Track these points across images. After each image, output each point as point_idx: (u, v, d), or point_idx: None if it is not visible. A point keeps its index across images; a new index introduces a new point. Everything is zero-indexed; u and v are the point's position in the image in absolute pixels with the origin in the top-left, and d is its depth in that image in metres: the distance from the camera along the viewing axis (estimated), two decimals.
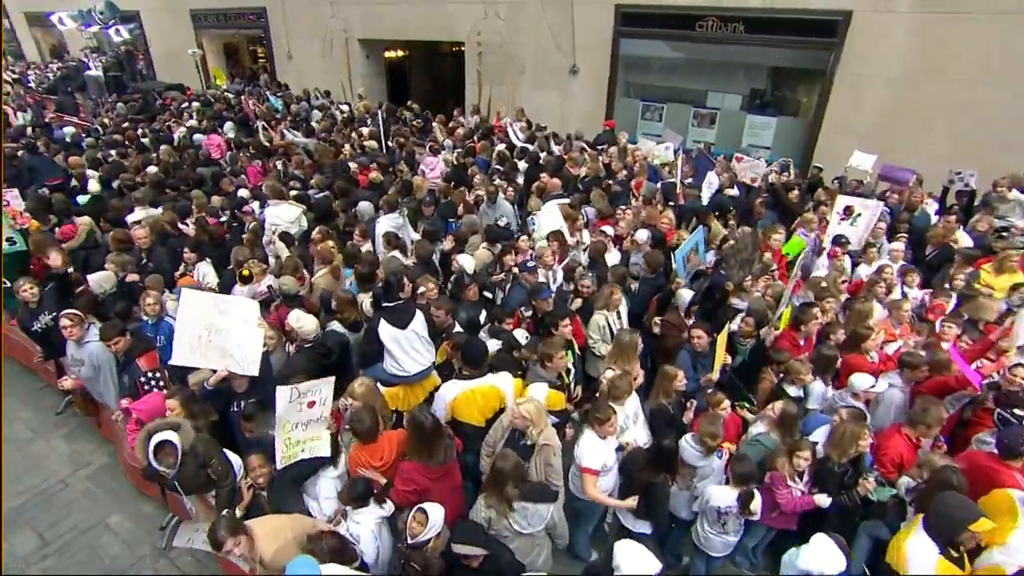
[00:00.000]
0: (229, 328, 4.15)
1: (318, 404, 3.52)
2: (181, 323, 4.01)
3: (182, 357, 4.02)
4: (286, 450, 3.42)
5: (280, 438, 3.41)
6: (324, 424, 3.60)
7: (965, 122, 8.74)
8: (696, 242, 5.71)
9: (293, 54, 16.71)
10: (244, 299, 4.43)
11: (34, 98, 15.87)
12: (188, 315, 4.04)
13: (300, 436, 3.48)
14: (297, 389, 3.43)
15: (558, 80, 12.47)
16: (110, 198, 7.68)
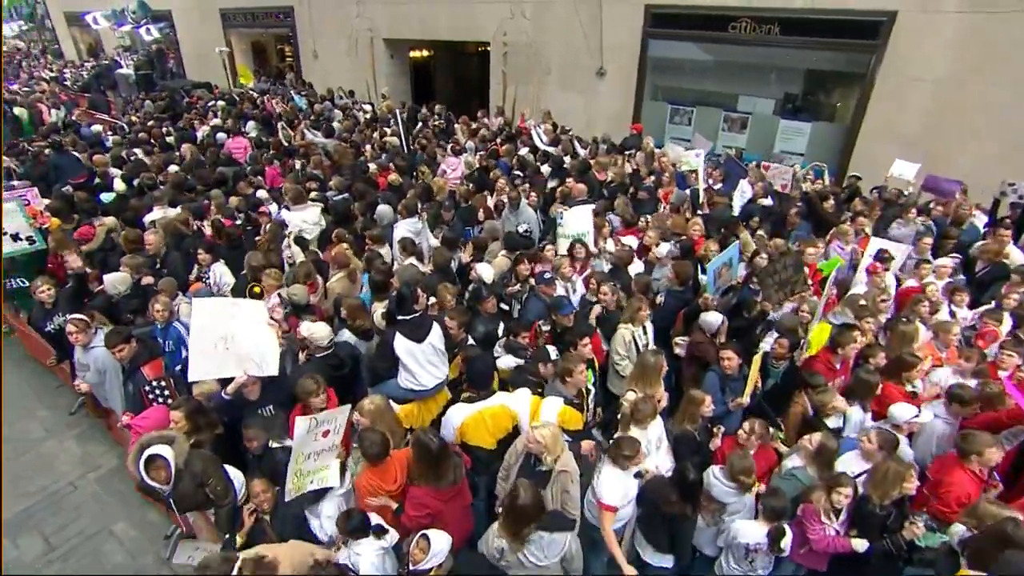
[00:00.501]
0: (245, 331, 4.04)
1: (332, 433, 3.37)
2: (195, 335, 3.88)
3: (199, 371, 3.89)
4: (296, 480, 3.25)
5: (291, 468, 3.24)
6: (334, 453, 3.45)
7: (1017, 128, 8.21)
8: (730, 257, 5.41)
9: (319, 53, 16.72)
10: (254, 301, 4.29)
11: (68, 96, 16.16)
12: (201, 325, 3.91)
13: (311, 467, 3.33)
14: (316, 419, 3.29)
15: (585, 82, 12.19)
16: (132, 197, 7.67)
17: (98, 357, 4.54)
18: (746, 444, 3.85)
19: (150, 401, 4.33)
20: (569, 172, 8.48)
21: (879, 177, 8.46)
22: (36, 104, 13.85)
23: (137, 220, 7.00)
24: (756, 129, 11.00)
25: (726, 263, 5.42)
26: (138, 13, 16.34)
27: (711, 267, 5.29)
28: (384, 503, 3.35)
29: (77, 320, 4.43)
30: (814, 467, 3.60)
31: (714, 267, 5.30)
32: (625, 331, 4.94)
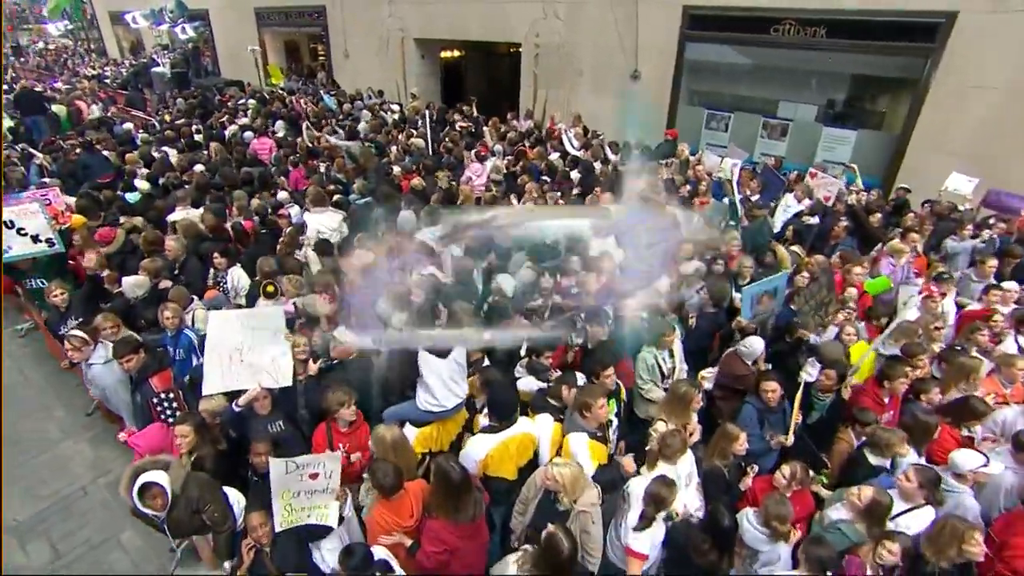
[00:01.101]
0: (261, 342, 3.89)
1: (322, 477, 3.16)
2: (210, 348, 3.74)
3: (213, 385, 3.74)
4: (287, 515, 3.05)
5: (278, 503, 3.04)
6: (332, 495, 3.24)
7: None
8: (775, 287, 4.97)
9: (350, 52, 16.71)
10: (268, 308, 4.13)
11: (107, 93, 16.48)
12: (216, 338, 3.77)
13: (304, 504, 3.12)
14: (295, 462, 3.10)
15: (618, 85, 11.83)
16: (158, 196, 7.64)
17: (97, 375, 4.43)
18: (784, 489, 3.51)
19: (158, 414, 4.21)
20: (599, 178, 8.17)
21: (929, 190, 7.93)
22: (75, 102, 14.10)
23: (160, 220, 6.96)
24: (797, 137, 10.49)
25: (769, 292, 4.97)
26: (175, 12, 16.59)
27: (749, 291, 4.89)
28: (399, 540, 3.12)
29: (74, 337, 4.30)
30: (863, 523, 3.24)
31: (753, 292, 4.89)
32: (647, 354, 4.65)
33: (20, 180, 8.12)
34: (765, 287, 4.95)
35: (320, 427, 3.94)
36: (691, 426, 3.85)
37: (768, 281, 5.02)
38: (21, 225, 5.42)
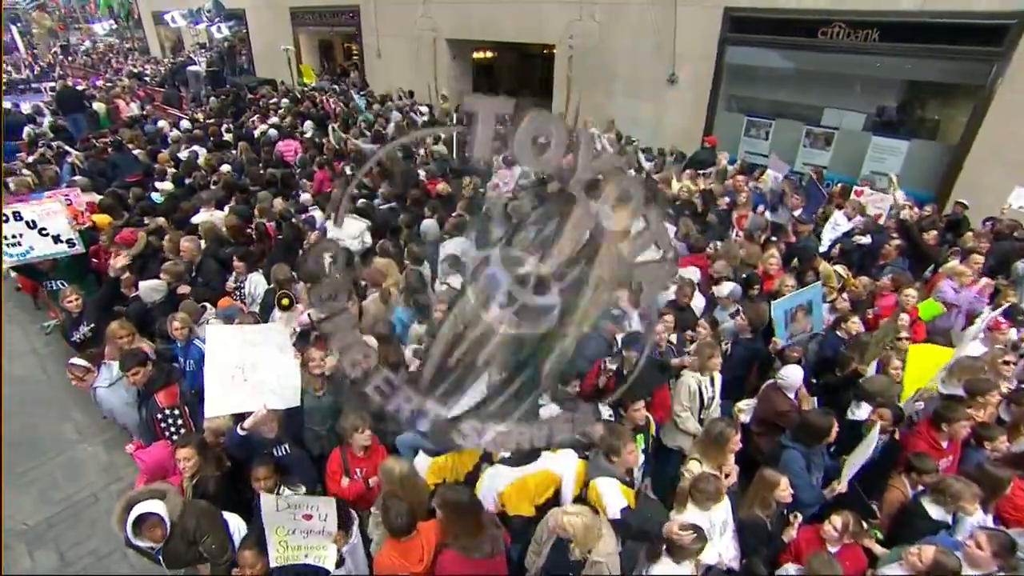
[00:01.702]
0: (265, 360, 3.68)
1: (316, 519, 2.96)
2: (211, 367, 3.54)
3: (216, 407, 3.54)
4: (282, 551, 2.83)
5: (272, 537, 2.82)
6: (329, 538, 3.04)
7: None
8: (809, 300, 4.61)
9: (382, 52, 16.65)
10: (274, 325, 3.93)
11: (146, 91, 16.77)
12: (217, 354, 3.57)
13: (300, 542, 2.90)
14: (287, 501, 2.92)
15: (654, 89, 11.44)
16: (183, 196, 7.59)
17: (102, 398, 4.30)
18: (832, 543, 3.16)
19: (162, 431, 4.06)
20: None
21: (989, 206, 7.36)
22: (114, 100, 14.35)
23: (185, 222, 6.89)
24: (843, 146, 9.94)
25: (803, 305, 4.61)
26: (212, 12, 16.79)
27: (781, 306, 4.53)
28: None
29: (75, 367, 4.17)
30: None
31: (786, 307, 4.53)
32: (691, 379, 4.31)
33: (52, 178, 8.19)
34: (797, 301, 4.60)
35: (335, 452, 3.77)
36: (727, 467, 3.52)
37: (799, 294, 4.66)
38: (43, 225, 5.37)
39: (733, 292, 5.14)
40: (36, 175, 8.39)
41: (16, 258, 5.35)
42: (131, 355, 4.04)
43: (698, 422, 4.38)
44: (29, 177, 8.03)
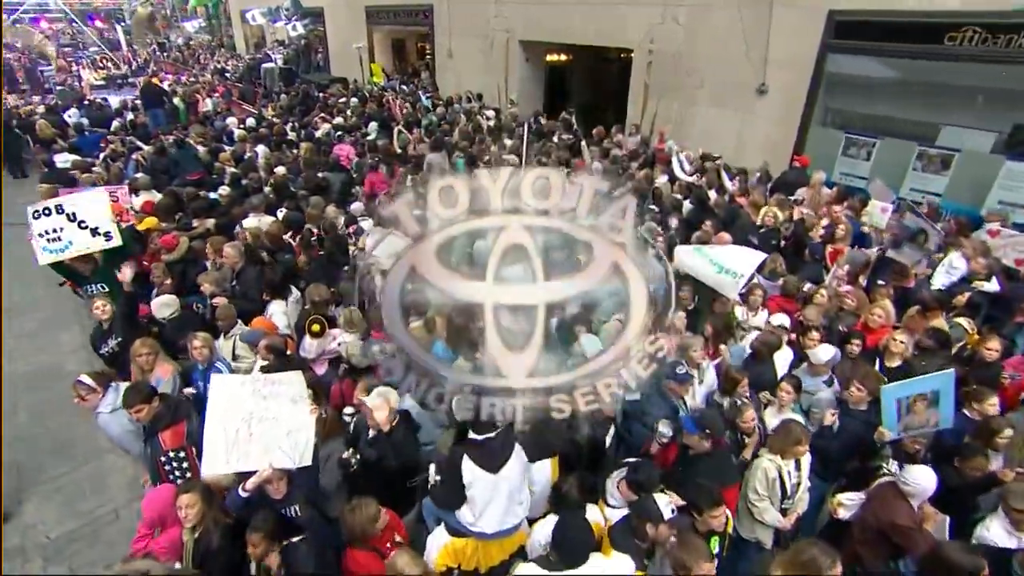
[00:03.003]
0: (275, 414, 3.25)
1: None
2: (212, 420, 3.14)
3: (214, 464, 3.14)
4: None
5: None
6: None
7: None
8: (933, 389, 3.60)
9: (453, 52, 16.32)
10: (289, 374, 3.47)
11: (225, 86, 17.21)
12: (219, 406, 3.15)
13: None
14: None
15: (740, 99, 10.44)
16: (238, 199, 7.39)
17: (103, 424, 3.98)
18: None
19: (166, 474, 3.68)
20: (712, 211, 6.98)
21: None
22: (193, 95, 14.72)
23: (233, 225, 6.67)
24: (964, 170, 8.57)
25: (923, 395, 3.61)
26: (290, 10, 17.04)
27: (892, 393, 3.60)
28: None
29: (80, 385, 3.86)
30: None
31: (899, 396, 3.59)
32: (769, 464, 3.53)
33: (117, 174, 8.23)
34: (917, 389, 3.61)
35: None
36: None
37: (919, 382, 3.67)
38: (82, 217, 5.16)
39: (832, 359, 4.24)
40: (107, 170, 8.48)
41: (55, 254, 5.17)
42: (135, 390, 3.69)
43: (780, 511, 3.61)
44: (97, 174, 8.09)
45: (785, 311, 5.40)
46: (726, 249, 4.80)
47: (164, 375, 4.48)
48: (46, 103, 15.21)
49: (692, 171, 8.23)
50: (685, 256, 4.98)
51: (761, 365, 4.33)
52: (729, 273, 4.59)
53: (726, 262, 4.62)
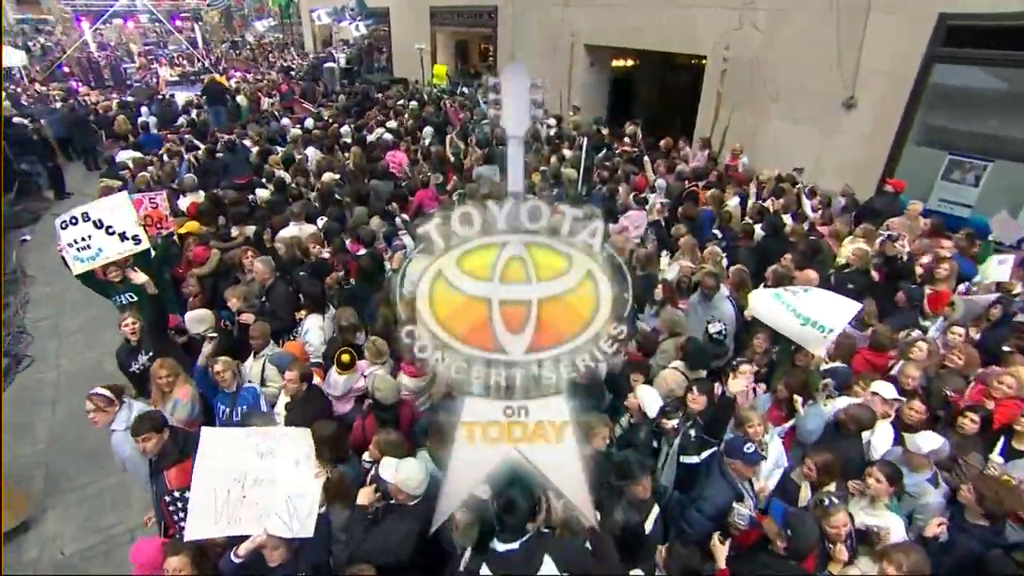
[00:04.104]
0: (274, 475, 2.88)
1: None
2: (200, 479, 2.78)
3: (199, 529, 2.79)
4: None
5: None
6: None
7: None
8: None
9: (516, 55, 15.87)
10: (294, 430, 3.07)
11: (289, 85, 17.43)
12: (212, 466, 2.80)
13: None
14: None
15: (822, 113, 9.48)
16: (280, 205, 7.18)
17: (116, 443, 3.70)
18: None
19: (170, 514, 3.37)
20: (788, 241, 6.21)
21: None
22: (256, 93, 14.91)
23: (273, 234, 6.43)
24: None
25: None
26: (355, 10, 17.06)
27: None
28: None
29: (98, 396, 3.59)
30: None
31: None
32: None
33: (169, 173, 8.21)
34: None
35: None
36: None
37: None
38: (110, 223, 5.02)
39: (937, 452, 3.44)
40: (161, 168, 8.49)
41: (87, 262, 5.03)
42: (145, 419, 3.40)
43: None
44: (150, 173, 8.09)
45: (874, 366, 4.64)
46: (811, 296, 4.06)
47: (183, 397, 4.25)
48: (122, 99, 15.79)
49: (767, 193, 7.41)
50: (761, 302, 4.30)
51: (846, 441, 3.62)
52: (816, 326, 3.89)
53: (812, 312, 3.91)
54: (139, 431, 3.31)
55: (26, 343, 7.59)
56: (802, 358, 4.31)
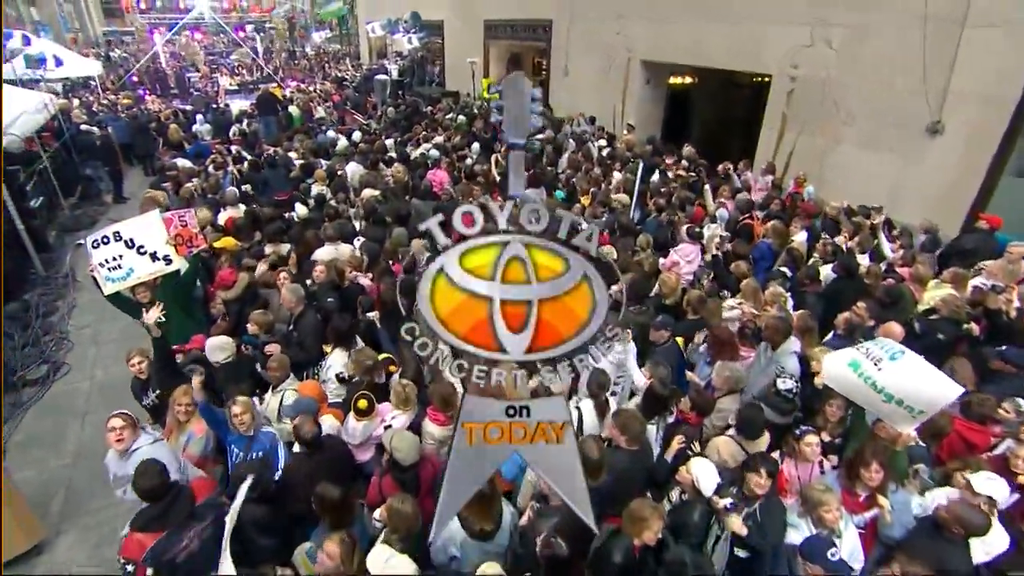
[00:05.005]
0: None
1: None
2: None
3: None
4: None
5: None
6: None
7: None
8: None
9: (570, 70, 15.49)
10: None
11: (341, 95, 17.58)
12: None
13: None
14: None
15: (903, 139, 8.64)
16: (318, 223, 6.96)
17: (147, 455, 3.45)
18: None
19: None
20: (866, 285, 5.53)
21: None
22: (308, 103, 15.03)
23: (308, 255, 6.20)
24: None
25: None
26: (409, 23, 17.08)
27: None
28: None
29: (123, 415, 3.40)
30: None
31: None
32: None
33: (213, 186, 8.16)
34: None
35: None
36: None
37: None
38: (141, 243, 4.89)
39: None
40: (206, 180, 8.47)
41: (118, 282, 4.90)
42: (145, 473, 3.11)
43: None
44: (194, 185, 8.06)
45: (972, 444, 3.96)
46: (897, 369, 3.35)
47: (198, 432, 4.04)
48: (179, 107, 16.25)
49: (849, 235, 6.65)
50: (836, 368, 3.66)
51: (949, 548, 3.00)
52: (903, 406, 3.27)
53: (899, 390, 3.27)
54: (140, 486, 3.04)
55: (67, 350, 7.64)
56: (885, 431, 3.68)
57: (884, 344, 3.52)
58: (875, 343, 3.57)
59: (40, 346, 7.57)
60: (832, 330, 5.11)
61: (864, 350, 3.54)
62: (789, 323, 4.62)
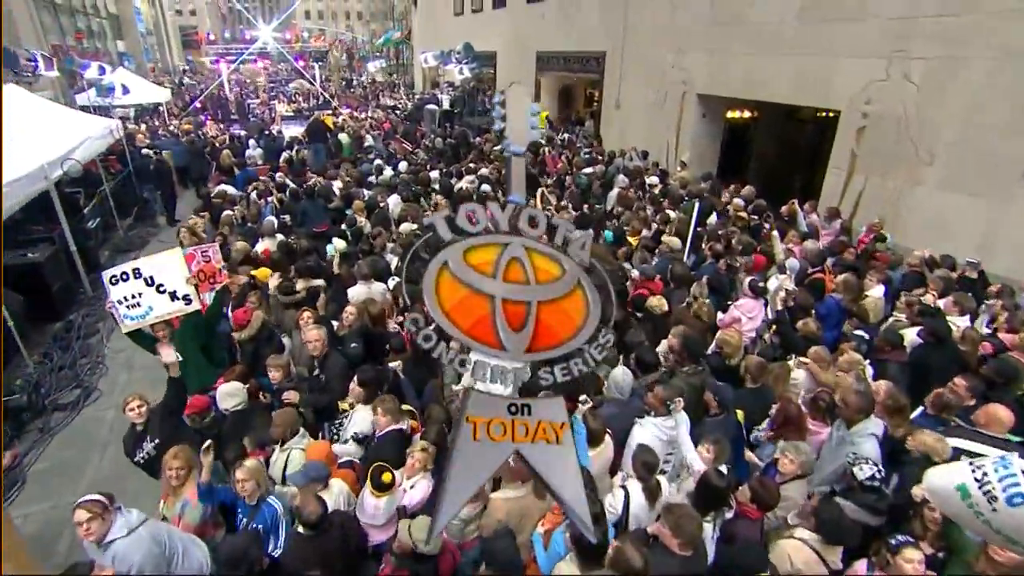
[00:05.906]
0: None
1: None
2: None
3: None
4: None
5: None
6: None
7: None
8: None
9: (621, 103, 15.12)
10: None
11: (391, 124, 17.72)
12: None
13: None
14: None
15: (993, 182, 7.77)
16: (354, 258, 6.69)
17: (119, 555, 3.07)
18: None
19: None
20: (961, 357, 4.78)
21: None
22: (359, 131, 15.14)
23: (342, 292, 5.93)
24: None
25: None
26: (461, 54, 17.19)
27: None
28: None
29: (91, 503, 3.01)
30: None
31: None
32: None
33: (255, 214, 8.07)
34: None
35: None
36: None
37: None
38: (161, 281, 4.71)
39: None
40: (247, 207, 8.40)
41: (136, 320, 4.72)
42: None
43: None
44: (235, 213, 7.99)
45: None
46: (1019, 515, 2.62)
47: (194, 498, 3.64)
48: (233, 132, 16.73)
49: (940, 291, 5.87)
50: (941, 489, 2.94)
51: None
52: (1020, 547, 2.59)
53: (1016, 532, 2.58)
54: None
55: (100, 375, 7.58)
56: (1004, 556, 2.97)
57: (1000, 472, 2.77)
58: (990, 464, 2.81)
59: (76, 368, 7.53)
60: (921, 407, 4.40)
61: (976, 473, 2.80)
62: (872, 399, 3.96)
